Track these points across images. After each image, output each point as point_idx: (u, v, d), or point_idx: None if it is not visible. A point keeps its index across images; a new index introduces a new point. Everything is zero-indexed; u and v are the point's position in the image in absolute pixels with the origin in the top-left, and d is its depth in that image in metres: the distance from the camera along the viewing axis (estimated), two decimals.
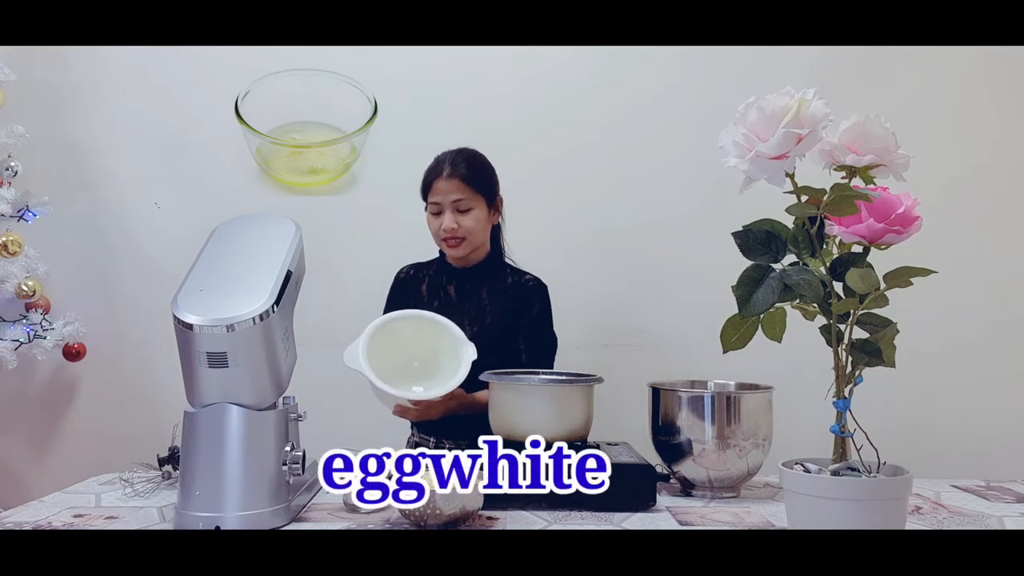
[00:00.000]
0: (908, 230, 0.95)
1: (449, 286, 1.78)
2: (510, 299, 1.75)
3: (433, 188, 1.71)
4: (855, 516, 0.91)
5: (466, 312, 1.73)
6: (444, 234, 1.70)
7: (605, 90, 2.37)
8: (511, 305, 1.75)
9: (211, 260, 1.23)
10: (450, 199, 1.69)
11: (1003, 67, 2.32)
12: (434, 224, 1.72)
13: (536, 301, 1.77)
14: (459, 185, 1.70)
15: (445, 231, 1.69)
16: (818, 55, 2.18)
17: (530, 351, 1.73)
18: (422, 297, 1.79)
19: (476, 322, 1.71)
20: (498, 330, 1.72)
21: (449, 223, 1.68)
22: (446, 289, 1.78)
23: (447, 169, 1.71)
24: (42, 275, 2.27)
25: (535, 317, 1.76)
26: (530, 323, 1.75)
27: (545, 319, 1.78)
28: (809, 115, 0.89)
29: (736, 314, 0.98)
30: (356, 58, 2.34)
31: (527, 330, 1.74)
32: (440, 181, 1.70)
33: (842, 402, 0.96)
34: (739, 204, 1.06)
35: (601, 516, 1.22)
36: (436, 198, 1.71)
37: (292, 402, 1.26)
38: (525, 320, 1.74)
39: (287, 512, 1.15)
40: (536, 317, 1.76)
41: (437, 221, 1.71)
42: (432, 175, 1.73)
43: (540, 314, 1.77)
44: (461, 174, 1.70)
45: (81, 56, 2.37)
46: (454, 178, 1.70)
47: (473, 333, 1.58)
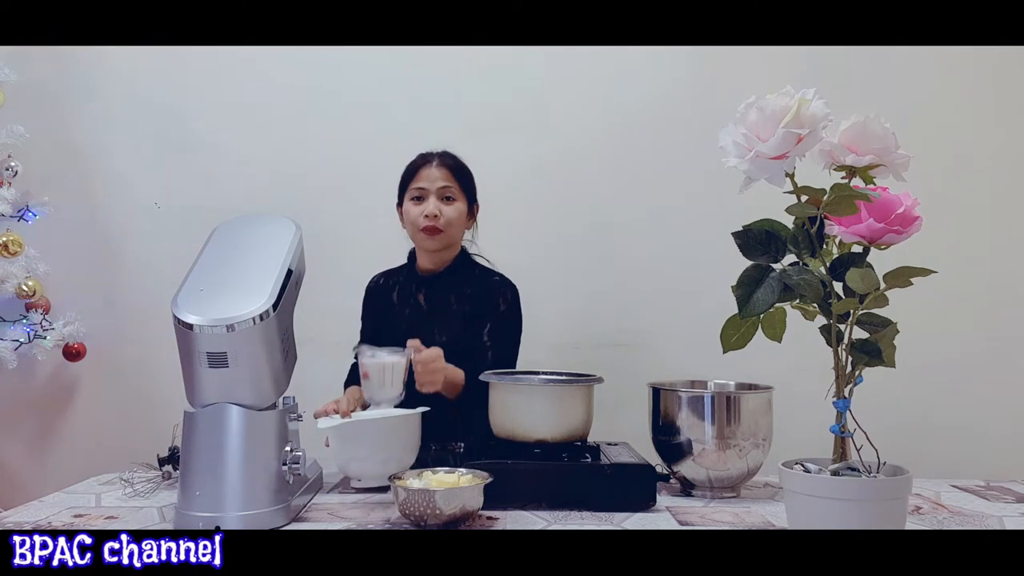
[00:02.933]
0: (908, 230, 0.95)
1: (419, 294, 1.78)
2: (478, 302, 1.74)
3: (419, 175, 1.73)
4: (855, 516, 0.90)
5: (436, 321, 1.72)
6: (425, 221, 1.69)
7: (605, 90, 2.37)
8: (478, 309, 1.73)
9: (211, 260, 1.23)
10: (437, 186, 1.71)
11: (1004, 67, 2.32)
12: (414, 211, 1.71)
13: (502, 300, 1.75)
14: (447, 175, 1.73)
15: (427, 216, 1.68)
16: (818, 55, 2.18)
17: (495, 348, 1.71)
18: (392, 306, 1.79)
19: (445, 331, 1.70)
20: (467, 337, 1.71)
21: (432, 208, 1.69)
22: (416, 297, 1.78)
23: (436, 159, 1.74)
24: (42, 275, 2.27)
25: (501, 315, 1.74)
26: (496, 321, 1.73)
27: (510, 317, 1.75)
28: (809, 115, 0.89)
29: (736, 314, 0.98)
30: (355, 58, 2.34)
31: (493, 328, 1.72)
32: (428, 168, 1.73)
33: (842, 402, 0.96)
34: (739, 204, 1.06)
35: (601, 516, 1.22)
36: (422, 184, 1.72)
37: (292, 402, 1.26)
38: (491, 318, 1.72)
39: (287, 512, 1.15)
40: (503, 314, 1.74)
41: (418, 208, 1.71)
42: (419, 163, 1.75)
43: (506, 312, 1.75)
44: (449, 165, 1.74)
45: (81, 56, 2.37)
46: (443, 167, 1.73)
47: (443, 341, 1.58)
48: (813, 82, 0.93)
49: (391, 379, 1.35)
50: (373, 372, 1.35)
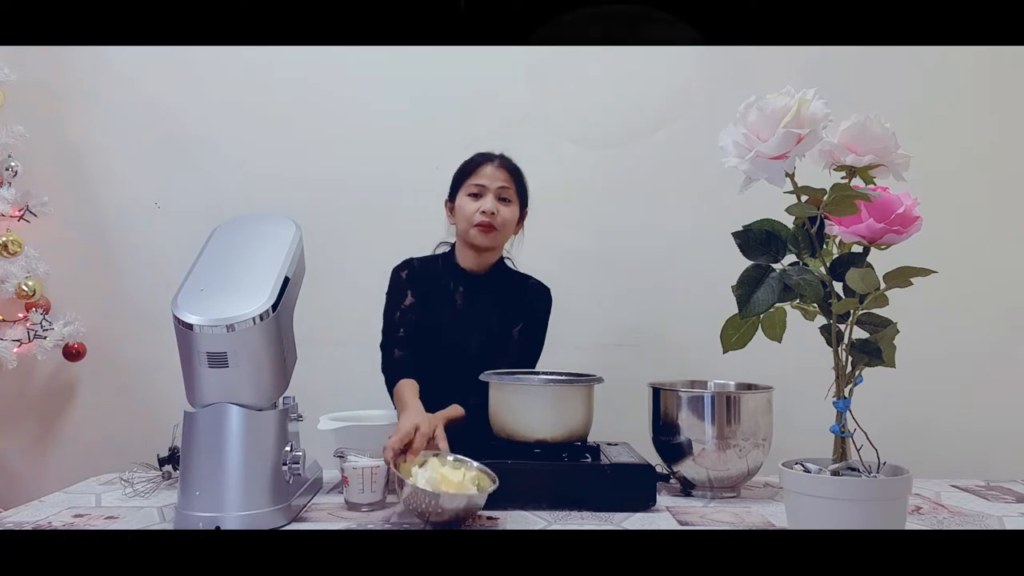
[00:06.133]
0: (908, 230, 0.95)
1: (456, 292, 1.77)
2: (514, 303, 1.75)
3: (480, 172, 1.72)
4: (855, 516, 0.91)
5: (471, 320, 1.72)
6: (481, 217, 1.69)
7: (605, 90, 2.37)
8: (514, 311, 1.74)
9: (211, 260, 1.23)
10: (496, 184, 1.71)
11: (1004, 67, 2.32)
12: (470, 207, 1.70)
13: (539, 304, 1.77)
14: (507, 176, 1.73)
15: (484, 213, 1.68)
16: (818, 55, 2.18)
17: (523, 349, 1.72)
18: (427, 299, 1.74)
19: (479, 331, 1.71)
20: (502, 340, 1.72)
21: (490, 205, 1.68)
22: (454, 293, 1.77)
23: (497, 159, 1.74)
24: (42, 275, 2.27)
25: (535, 318, 1.76)
26: (529, 323, 1.75)
27: (542, 322, 1.78)
28: (809, 115, 0.89)
29: (736, 314, 0.98)
30: (355, 58, 2.34)
31: (524, 328, 1.74)
32: (490, 167, 1.72)
33: (842, 402, 0.96)
34: (739, 204, 1.06)
35: (601, 516, 1.22)
36: (482, 181, 1.71)
37: (292, 402, 1.26)
38: (524, 319, 1.74)
39: (287, 512, 1.15)
40: (536, 319, 1.77)
41: (475, 204, 1.70)
42: (481, 160, 1.74)
43: (540, 317, 1.77)
44: (509, 167, 1.74)
45: (81, 56, 2.37)
46: (503, 168, 1.73)
47: (475, 341, 1.58)
48: (813, 82, 0.93)
49: (371, 485, 1.28)
50: (353, 478, 1.28)
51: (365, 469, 1.27)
